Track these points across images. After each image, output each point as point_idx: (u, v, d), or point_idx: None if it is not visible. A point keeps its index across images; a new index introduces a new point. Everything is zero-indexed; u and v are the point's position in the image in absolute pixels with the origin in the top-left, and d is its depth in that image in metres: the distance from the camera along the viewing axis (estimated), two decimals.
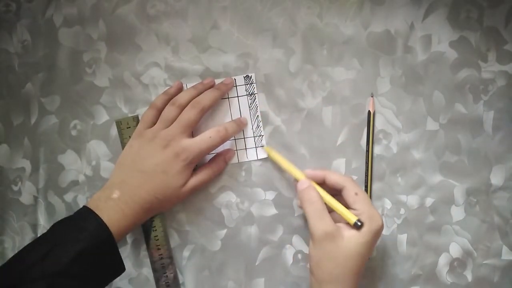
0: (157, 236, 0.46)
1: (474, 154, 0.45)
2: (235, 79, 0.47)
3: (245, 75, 0.47)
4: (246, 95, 0.47)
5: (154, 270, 0.47)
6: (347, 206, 0.40)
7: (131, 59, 0.48)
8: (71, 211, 0.48)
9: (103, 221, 0.39)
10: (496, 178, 0.45)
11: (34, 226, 0.49)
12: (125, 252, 0.48)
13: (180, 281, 0.47)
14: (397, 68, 0.46)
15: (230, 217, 0.47)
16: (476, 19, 0.46)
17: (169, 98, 0.45)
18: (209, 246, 0.47)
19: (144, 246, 0.47)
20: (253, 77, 0.47)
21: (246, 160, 0.47)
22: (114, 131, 0.48)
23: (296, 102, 0.47)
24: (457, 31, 0.46)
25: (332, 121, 0.46)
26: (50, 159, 0.49)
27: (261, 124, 0.47)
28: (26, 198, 0.49)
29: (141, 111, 0.48)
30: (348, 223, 0.39)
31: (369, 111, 0.46)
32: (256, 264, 0.47)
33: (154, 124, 0.44)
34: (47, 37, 0.49)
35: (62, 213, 0.48)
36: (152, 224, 0.46)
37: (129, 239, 0.48)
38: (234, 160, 0.47)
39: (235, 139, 0.47)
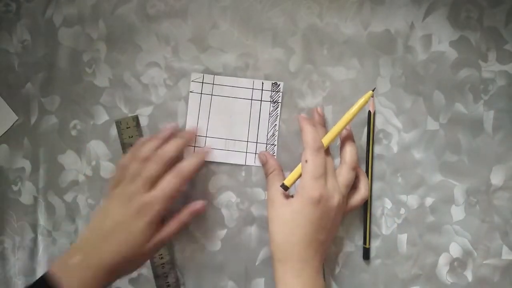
0: None
1: (474, 154, 0.45)
2: (262, 83, 0.47)
3: (273, 82, 0.47)
4: (270, 101, 0.47)
5: (155, 272, 0.46)
6: None
7: (131, 59, 0.48)
8: (71, 211, 0.48)
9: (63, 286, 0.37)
10: (496, 178, 0.45)
11: (34, 226, 0.49)
12: None
13: (181, 281, 0.47)
14: (397, 68, 0.46)
15: (230, 217, 0.47)
16: (476, 19, 0.46)
17: (133, 154, 0.43)
18: (209, 246, 0.47)
19: None
20: (281, 86, 0.47)
21: (253, 165, 0.47)
22: (114, 131, 0.48)
23: (296, 102, 0.47)
24: (457, 31, 0.46)
25: (332, 121, 0.46)
26: (50, 159, 0.49)
27: (276, 133, 0.47)
28: (26, 198, 0.49)
29: (141, 111, 0.48)
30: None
31: (369, 111, 0.46)
32: (256, 264, 0.47)
33: None
34: (47, 37, 0.49)
35: (62, 213, 0.48)
36: None
37: None
38: (241, 161, 0.47)
39: (247, 142, 0.47)
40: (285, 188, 0.41)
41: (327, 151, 0.42)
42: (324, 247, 0.41)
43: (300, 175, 0.41)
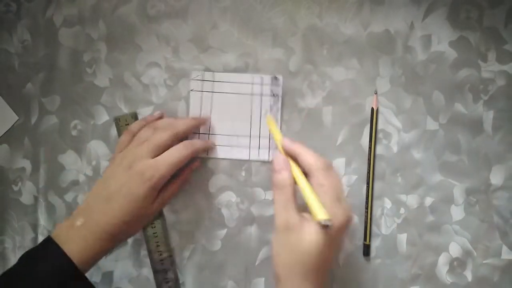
0: (156, 233, 0.46)
1: (473, 154, 0.45)
2: (262, 77, 0.47)
3: (273, 76, 0.47)
4: (270, 95, 0.47)
5: (154, 269, 0.47)
6: None
7: (131, 59, 0.48)
8: (72, 211, 0.48)
9: (64, 252, 0.37)
10: (496, 178, 0.45)
11: (35, 226, 0.49)
12: (125, 252, 0.48)
13: (180, 281, 0.47)
14: (397, 68, 0.46)
15: (230, 217, 0.47)
16: (476, 19, 0.46)
17: (147, 124, 0.45)
18: (209, 246, 0.47)
19: (144, 246, 0.47)
20: (280, 80, 0.47)
21: (257, 158, 0.47)
22: (114, 131, 0.48)
23: (296, 102, 0.47)
24: (457, 31, 0.46)
25: (332, 121, 0.47)
26: (50, 159, 0.49)
27: (278, 127, 0.47)
28: (26, 198, 0.49)
29: (141, 111, 0.48)
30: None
31: (372, 108, 0.46)
32: (256, 264, 0.47)
33: None
34: (47, 37, 0.49)
35: (62, 213, 0.48)
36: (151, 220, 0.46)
37: (129, 239, 0.48)
38: (245, 157, 0.47)
39: (250, 136, 0.47)
40: (330, 224, 0.33)
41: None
42: (332, 262, 0.39)
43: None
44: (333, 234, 0.34)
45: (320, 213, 0.34)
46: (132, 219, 0.40)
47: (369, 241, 0.45)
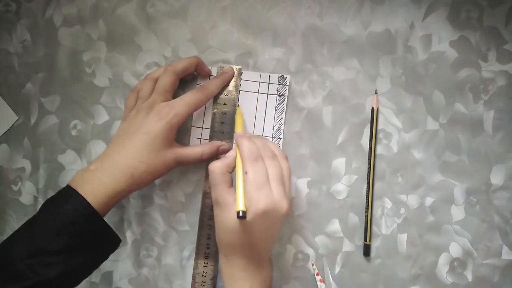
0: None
1: (474, 154, 0.45)
2: (269, 76, 0.47)
3: (280, 75, 0.47)
4: (276, 95, 0.47)
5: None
6: None
7: (131, 59, 0.48)
8: None
9: (77, 192, 0.37)
10: (496, 178, 0.45)
11: None
12: (125, 252, 0.48)
13: (179, 282, 0.47)
14: (397, 67, 0.46)
15: None
16: (476, 18, 0.46)
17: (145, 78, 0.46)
18: None
19: (144, 246, 0.47)
20: (287, 79, 0.47)
21: None
22: (114, 131, 0.48)
23: (296, 101, 0.47)
24: (457, 30, 0.46)
25: (332, 121, 0.46)
26: (50, 159, 0.49)
27: (282, 127, 0.47)
28: (26, 198, 0.49)
29: None
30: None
31: (372, 108, 0.46)
32: None
33: None
34: (47, 37, 0.49)
35: None
36: None
37: (129, 239, 0.48)
38: None
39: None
40: (244, 216, 0.36)
41: (275, 157, 0.39)
42: (270, 245, 0.41)
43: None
44: (250, 219, 0.37)
45: (237, 204, 0.37)
46: (150, 161, 0.40)
47: (369, 241, 0.45)
